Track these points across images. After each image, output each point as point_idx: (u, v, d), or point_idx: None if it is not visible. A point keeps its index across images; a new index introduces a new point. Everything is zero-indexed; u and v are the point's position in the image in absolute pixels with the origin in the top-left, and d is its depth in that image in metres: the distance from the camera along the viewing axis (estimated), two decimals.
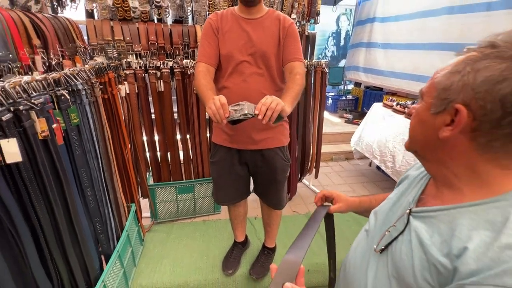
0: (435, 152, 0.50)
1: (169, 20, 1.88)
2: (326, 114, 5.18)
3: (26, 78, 0.82)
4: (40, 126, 0.84)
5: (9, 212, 0.73)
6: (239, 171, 1.38)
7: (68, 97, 0.99)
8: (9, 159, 0.72)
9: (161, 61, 1.73)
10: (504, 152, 0.42)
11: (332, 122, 4.38)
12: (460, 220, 0.44)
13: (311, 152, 2.45)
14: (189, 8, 1.76)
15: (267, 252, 1.68)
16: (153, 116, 1.89)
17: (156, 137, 1.92)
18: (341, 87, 5.98)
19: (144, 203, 2.06)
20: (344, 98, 5.04)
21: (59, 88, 0.98)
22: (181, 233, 2.00)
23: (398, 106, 2.60)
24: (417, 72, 3.31)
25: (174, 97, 1.87)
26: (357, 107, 4.87)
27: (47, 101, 0.89)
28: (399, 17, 3.53)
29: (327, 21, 6.82)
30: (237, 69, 1.21)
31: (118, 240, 1.42)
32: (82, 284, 1.07)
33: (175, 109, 1.90)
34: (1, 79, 0.80)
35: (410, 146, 0.55)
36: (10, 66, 0.94)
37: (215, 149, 1.38)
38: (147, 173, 2.06)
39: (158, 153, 1.97)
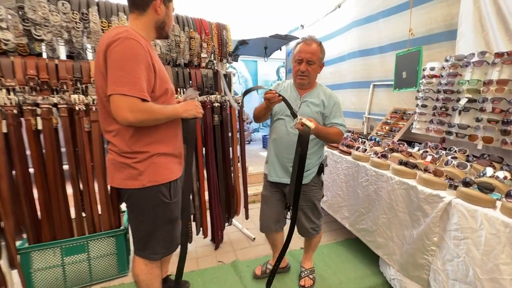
0: (313, 78, 1.57)
1: (63, 55, 1.74)
2: (259, 152, 5.26)
3: None
4: None
5: None
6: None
7: None
8: None
9: (41, 97, 1.52)
10: None
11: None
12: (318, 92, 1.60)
13: (236, 191, 2.27)
14: (81, 43, 1.67)
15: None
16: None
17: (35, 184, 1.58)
18: None
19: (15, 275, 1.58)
20: None
21: None
22: None
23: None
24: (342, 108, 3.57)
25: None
26: None
27: None
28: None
29: (268, 72, 7.64)
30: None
31: None
32: None
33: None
34: None
35: (310, 80, 1.55)
36: None
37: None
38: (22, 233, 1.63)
39: (38, 206, 1.60)
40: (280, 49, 4.78)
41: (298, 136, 1.36)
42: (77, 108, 1.60)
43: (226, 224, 2.30)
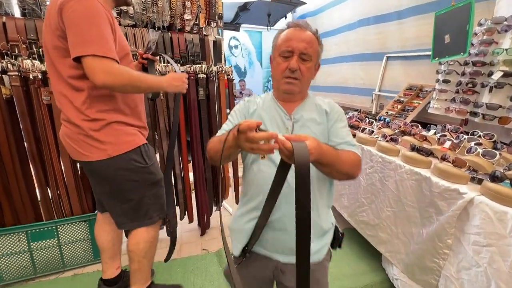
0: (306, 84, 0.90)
1: (17, 13, 1.47)
2: None
3: None
4: None
5: None
6: None
7: None
8: None
9: None
10: None
11: None
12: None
13: (224, 173, 2.06)
14: None
15: None
16: None
17: None
18: None
19: None
20: None
21: None
22: None
23: None
24: (346, 84, 3.24)
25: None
26: None
27: None
28: (328, 32, 3.53)
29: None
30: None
31: None
32: None
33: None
34: None
35: (302, 87, 0.88)
36: None
37: None
38: None
39: None
40: (286, 17, 4.31)
41: (279, 167, 0.67)
42: (31, 76, 1.36)
43: (215, 208, 2.12)
